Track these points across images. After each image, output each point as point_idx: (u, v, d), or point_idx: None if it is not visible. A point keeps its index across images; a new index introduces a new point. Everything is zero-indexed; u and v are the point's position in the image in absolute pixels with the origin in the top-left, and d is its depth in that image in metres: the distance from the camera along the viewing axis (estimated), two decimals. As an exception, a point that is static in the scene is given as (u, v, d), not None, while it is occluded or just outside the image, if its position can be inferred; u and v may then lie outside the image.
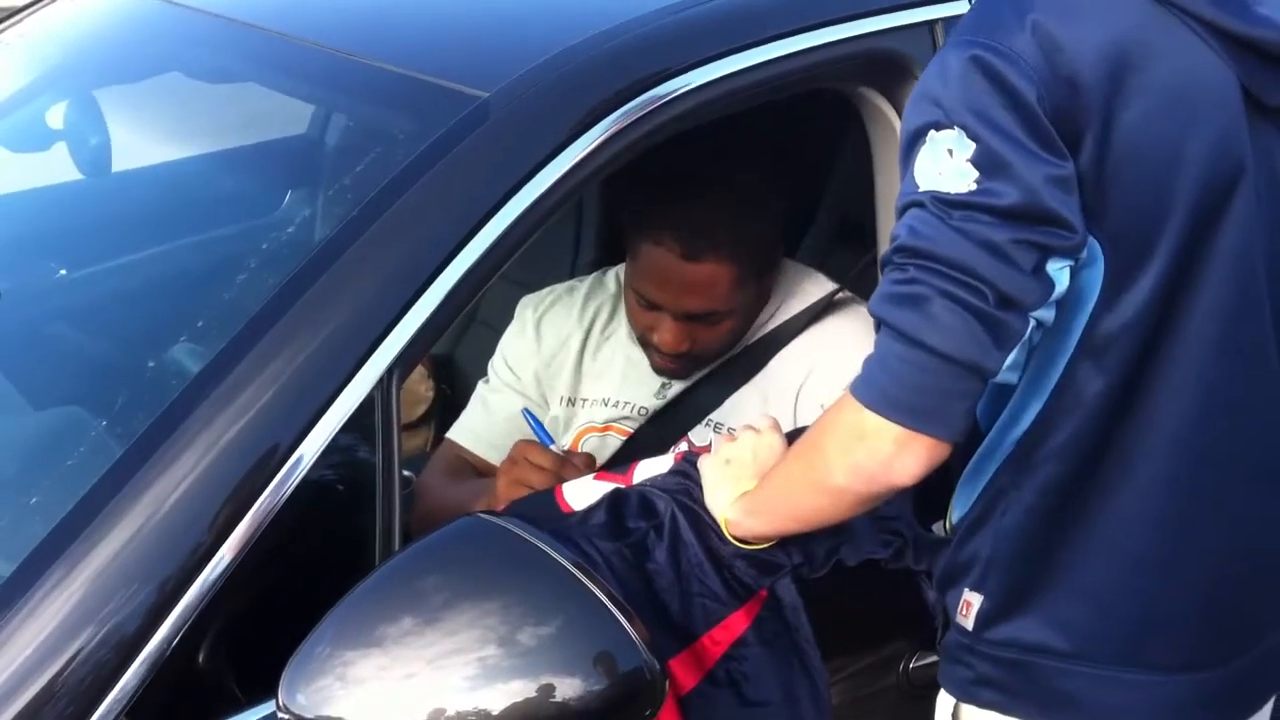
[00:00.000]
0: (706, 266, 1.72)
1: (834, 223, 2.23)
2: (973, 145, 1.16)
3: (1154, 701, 1.35)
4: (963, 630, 1.39)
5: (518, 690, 1.15)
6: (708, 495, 1.43)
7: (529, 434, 1.90)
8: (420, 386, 2.58)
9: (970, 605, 1.37)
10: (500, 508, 1.67)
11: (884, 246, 1.65)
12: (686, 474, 1.48)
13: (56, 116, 2.04)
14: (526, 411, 1.89)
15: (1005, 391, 1.32)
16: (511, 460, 1.76)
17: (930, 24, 1.58)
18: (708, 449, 1.50)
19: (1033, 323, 1.19)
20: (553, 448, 1.77)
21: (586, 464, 1.76)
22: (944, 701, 1.46)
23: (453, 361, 2.66)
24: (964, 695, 1.42)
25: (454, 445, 1.99)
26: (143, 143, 2.06)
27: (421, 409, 2.58)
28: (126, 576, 1.19)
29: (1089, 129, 1.19)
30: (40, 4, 2.24)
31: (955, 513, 1.40)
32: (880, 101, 1.62)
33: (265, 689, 1.21)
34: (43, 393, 1.64)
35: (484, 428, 1.98)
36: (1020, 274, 1.16)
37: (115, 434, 1.38)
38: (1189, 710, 1.37)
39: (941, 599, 1.44)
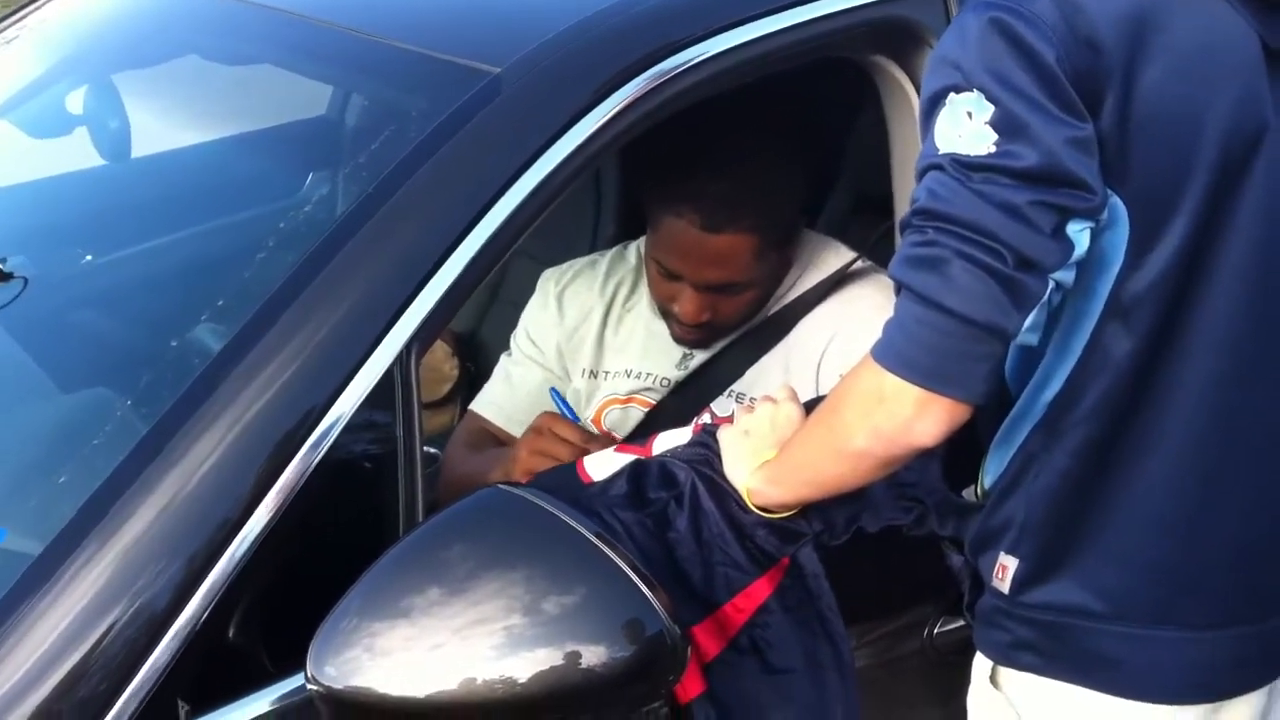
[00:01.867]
0: (726, 238, 1.72)
1: (851, 192, 2.23)
2: (992, 108, 1.16)
3: (1189, 659, 1.35)
4: (999, 594, 1.39)
5: (543, 658, 1.16)
6: (728, 466, 1.44)
7: (550, 406, 1.92)
8: (445, 365, 2.59)
9: (1006, 569, 1.38)
10: (520, 476, 1.69)
11: (901, 214, 1.66)
12: (706, 444, 1.48)
13: (76, 102, 2.05)
14: (554, 391, 1.90)
15: (1034, 355, 1.33)
16: (536, 430, 1.77)
17: (943, -10, 1.58)
18: (729, 420, 1.50)
19: (1052, 284, 1.19)
20: (579, 422, 1.78)
21: (609, 443, 1.76)
22: (980, 664, 1.47)
23: (477, 339, 2.67)
24: (1002, 658, 1.42)
25: (476, 417, 2.01)
26: (162, 126, 2.07)
27: (447, 387, 2.59)
28: (155, 553, 1.21)
29: (1110, 90, 1.19)
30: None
31: (988, 477, 1.40)
32: (894, 69, 1.62)
33: (295, 661, 1.22)
34: (69, 375, 1.66)
35: (506, 400, 1.99)
36: (1039, 236, 1.17)
37: (140, 414, 1.39)
38: (1223, 667, 1.37)
39: (975, 563, 1.44)
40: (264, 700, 1.27)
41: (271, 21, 1.80)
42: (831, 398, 1.31)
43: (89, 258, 1.93)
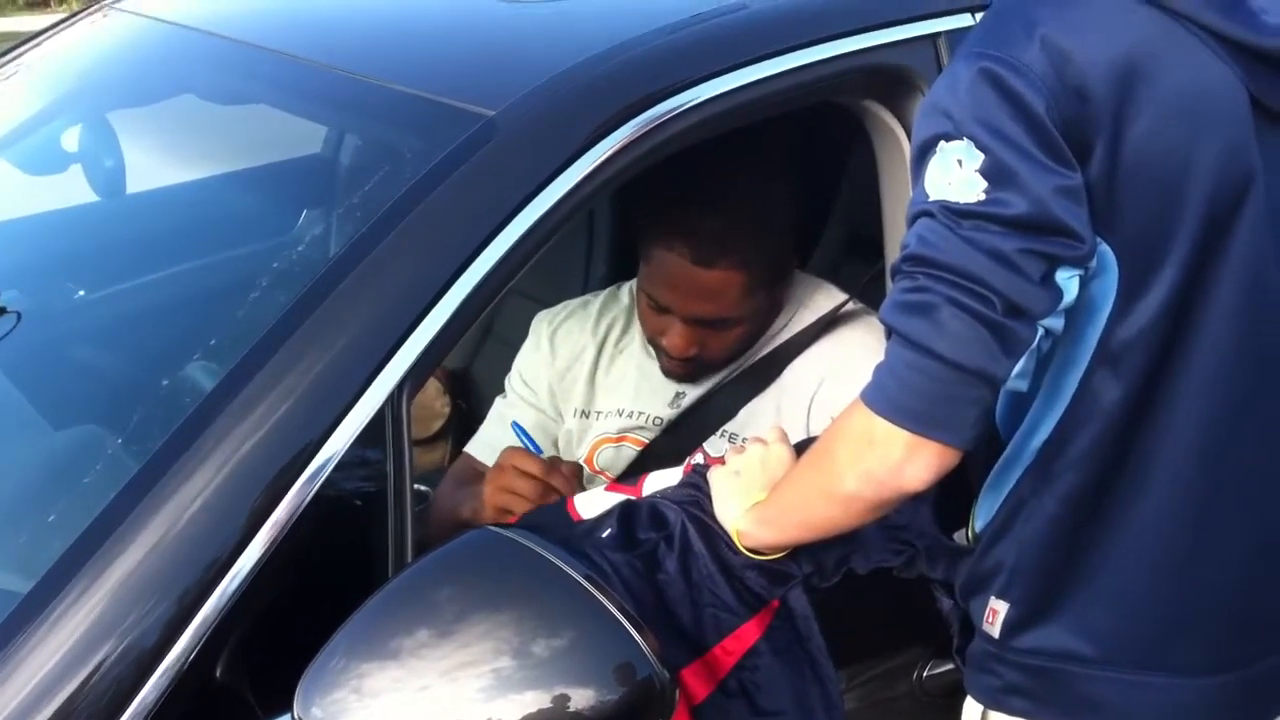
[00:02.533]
0: (717, 273, 1.73)
1: (843, 233, 2.24)
2: (982, 156, 1.18)
3: (1178, 704, 1.36)
4: (989, 638, 1.40)
5: (531, 701, 1.16)
6: (718, 507, 1.44)
7: (544, 447, 1.92)
8: (436, 402, 2.60)
9: (996, 613, 1.38)
10: (487, 513, 1.70)
11: (892, 257, 1.67)
12: (696, 485, 1.49)
13: (71, 139, 2.06)
14: (515, 424, 1.91)
15: (1024, 401, 1.34)
16: (499, 467, 1.78)
17: (933, 37, 1.59)
18: (722, 460, 1.51)
19: (1041, 331, 1.20)
20: (542, 455, 1.78)
21: (573, 471, 1.78)
22: (971, 708, 1.47)
23: (469, 376, 2.68)
24: (992, 703, 1.42)
25: (470, 459, 2.01)
26: (157, 164, 2.08)
27: (438, 424, 2.60)
28: (144, 591, 1.20)
29: (1098, 139, 1.20)
30: (54, 29, 2.27)
31: (978, 521, 1.41)
32: (885, 115, 1.63)
33: (282, 701, 1.22)
34: (60, 412, 1.66)
35: (499, 442, 1.98)
36: (1028, 283, 1.18)
37: (131, 451, 1.39)
38: (1216, 711, 1.38)
39: (965, 607, 1.45)
40: (251, 740, 1.27)
41: (267, 62, 1.81)
42: (822, 440, 1.31)
43: (81, 293, 1.93)
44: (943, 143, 1.20)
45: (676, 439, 1.88)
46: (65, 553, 1.22)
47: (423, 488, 1.96)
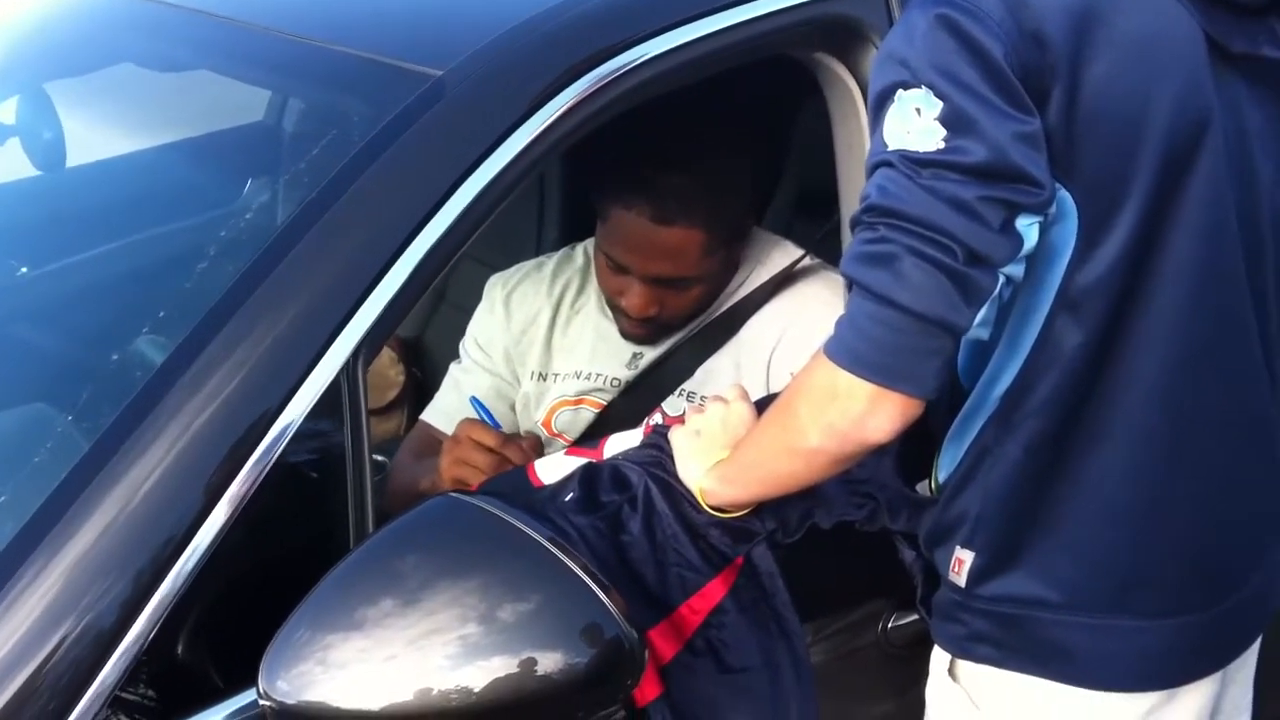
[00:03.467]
0: (677, 231, 1.72)
1: (794, 189, 2.24)
2: (940, 104, 1.17)
3: (1144, 647, 1.37)
4: (955, 587, 1.40)
5: (499, 667, 1.16)
6: (680, 467, 1.44)
7: (501, 413, 1.91)
8: (390, 371, 2.58)
9: (962, 562, 1.38)
10: (444, 485, 1.70)
11: (847, 212, 1.67)
12: (658, 446, 1.48)
13: (8, 112, 2.01)
14: (474, 399, 1.90)
15: (986, 349, 1.34)
16: (455, 439, 1.77)
17: (884, -13, 1.58)
18: (681, 419, 1.50)
19: (1002, 279, 1.20)
20: (501, 428, 1.78)
21: (532, 445, 1.78)
22: (938, 658, 1.48)
23: (422, 344, 2.66)
24: (959, 651, 1.43)
25: (426, 426, 2.00)
26: (97, 135, 2.04)
27: (393, 393, 2.58)
28: (102, 570, 1.19)
29: (1056, 84, 1.20)
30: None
31: (941, 471, 1.41)
32: (837, 67, 1.62)
33: (246, 677, 1.21)
34: (7, 390, 1.63)
35: (456, 409, 1.98)
36: (989, 231, 1.17)
37: (82, 428, 1.37)
38: (1179, 654, 1.39)
39: (930, 557, 1.45)
40: (216, 717, 1.26)
41: (208, 27, 1.77)
42: (784, 395, 1.31)
43: (23, 270, 1.89)
44: (900, 91, 1.19)
45: (635, 400, 1.87)
46: (18, 534, 1.21)
47: (380, 458, 1.95)
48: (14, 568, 1.18)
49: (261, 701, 1.16)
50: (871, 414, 1.20)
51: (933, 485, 1.43)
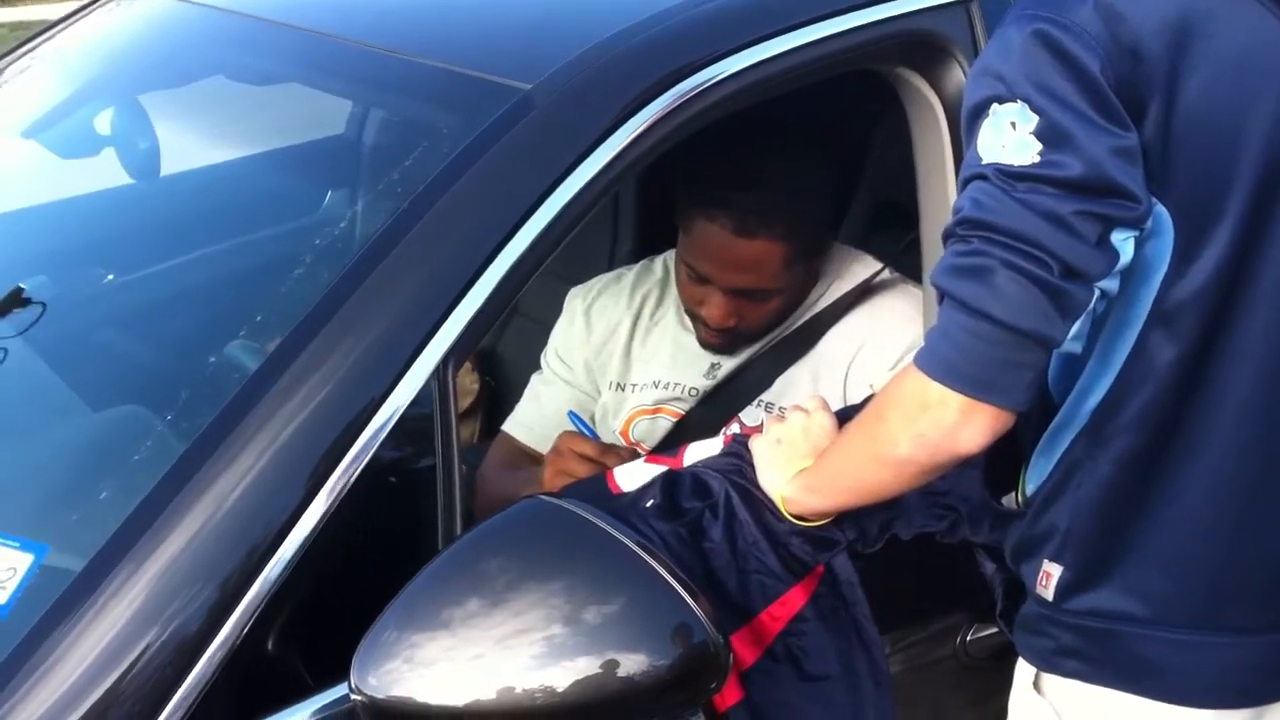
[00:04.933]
0: (758, 244, 1.73)
1: (871, 203, 2.24)
2: (1036, 118, 1.17)
3: (1234, 663, 1.36)
4: (1042, 601, 1.40)
5: (584, 667, 1.17)
6: (761, 475, 1.44)
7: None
8: (465, 379, 2.61)
9: (1050, 576, 1.38)
10: None
11: (926, 226, 1.67)
12: (739, 454, 1.49)
13: (104, 122, 2.06)
14: (572, 414, 1.92)
15: (1077, 363, 1.33)
16: (556, 452, 1.79)
17: (966, 3, 1.59)
18: (758, 429, 1.51)
19: (1097, 293, 1.20)
20: (599, 439, 1.79)
21: (630, 455, 1.78)
22: (1023, 670, 1.47)
23: (496, 354, 2.68)
24: (1046, 665, 1.43)
25: (508, 438, 2.02)
26: (191, 146, 2.09)
27: (468, 401, 2.61)
28: (190, 576, 1.21)
29: (1153, 99, 1.20)
30: (81, 13, 2.28)
31: (1030, 485, 1.41)
32: (919, 82, 1.62)
33: (334, 674, 1.23)
34: (107, 393, 1.66)
35: (536, 420, 2.00)
36: (1084, 245, 1.17)
37: (179, 430, 1.40)
38: (1268, 671, 1.37)
39: (1016, 570, 1.45)
40: (305, 712, 1.28)
41: (298, 40, 1.81)
42: (874, 405, 1.31)
43: (110, 277, 1.93)
44: (995, 105, 1.19)
45: (712, 410, 1.88)
46: (111, 537, 1.23)
47: (461, 466, 1.97)
48: (107, 571, 1.20)
49: (353, 697, 1.18)
50: (963, 425, 1.20)
51: (1019, 498, 1.43)
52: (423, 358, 1.31)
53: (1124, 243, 1.20)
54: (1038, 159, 1.17)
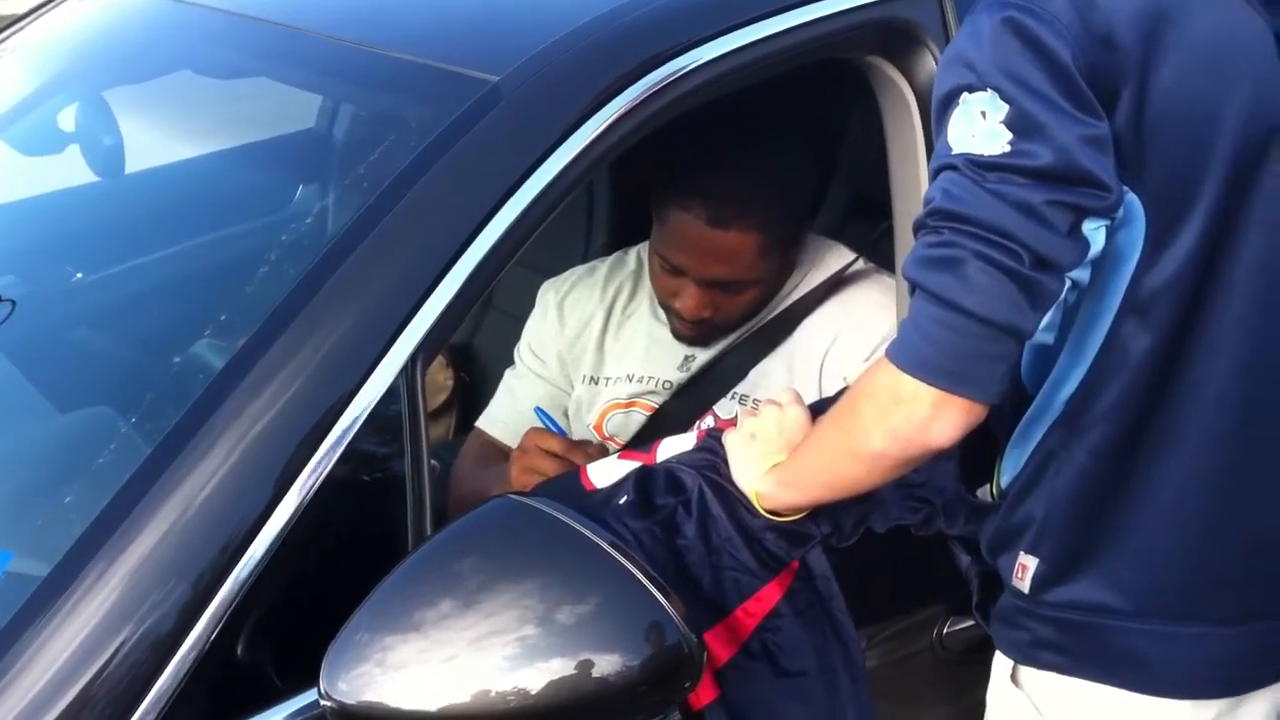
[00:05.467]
0: (733, 234, 1.72)
1: (846, 193, 2.24)
2: (1006, 107, 1.17)
3: (1211, 655, 1.36)
4: (1019, 593, 1.39)
5: (558, 668, 1.16)
6: (735, 470, 1.44)
7: (556, 419, 1.92)
8: (439, 375, 2.60)
9: (1026, 568, 1.38)
10: None
11: (899, 216, 1.67)
12: (712, 450, 1.48)
13: (68, 119, 2.04)
14: (539, 409, 1.92)
15: (1051, 353, 1.33)
16: (522, 449, 1.79)
17: (938, -10, 1.58)
18: (732, 422, 1.50)
19: (1068, 283, 1.19)
20: (567, 435, 1.78)
21: (598, 450, 1.78)
22: (1000, 663, 1.47)
23: (471, 349, 2.68)
24: (1023, 658, 1.43)
25: (482, 434, 2.02)
26: (156, 142, 2.06)
27: (442, 397, 2.60)
28: (161, 575, 1.20)
29: (1125, 87, 1.19)
30: (44, 8, 2.25)
31: (1004, 477, 1.41)
32: (890, 70, 1.61)
33: (305, 679, 1.22)
34: (70, 396, 1.65)
35: (510, 415, 1.99)
36: (1056, 235, 1.17)
37: (144, 431, 1.38)
38: (1244, 662, 1.38)
39: (993, 563, 1.45)
40: (276, 718, 1.26)
41: (265, 34, 1.79)
42: (846, 399, 1.30)
43: (79, 275, 1.91)
44: (966, 94, 1.19)
45: (686, 402, 1.88)
46: (79, 539, 1.21)
47: (433, 462, 1.96)
48: (75, 572, 1.19)
49: (322, 702, 1.17)
50: (935, 418, 1.19)
51: (994, 490, 1.42)
52: (392, 353, 1.30)
53: (1095, 232, 1.20)
54: (1008, 148, 1.16)
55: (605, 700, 1.17)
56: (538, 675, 1.16)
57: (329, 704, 1.16)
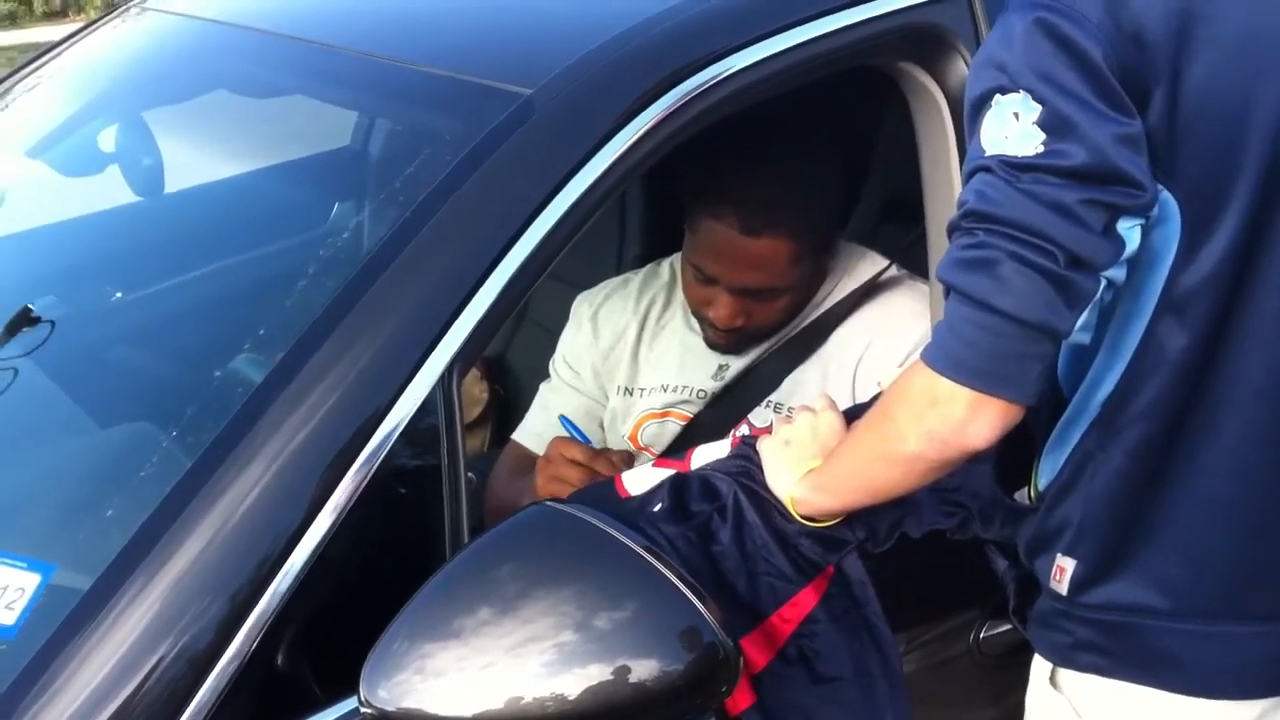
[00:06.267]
0: (765, 242, 1.73)
1: (878, 200, 2.24)
2: (1039, 108, 1.17)
3: (1252, 653, 1.35)
4: (1057, 595, 1.39)
5: (595, 674, 1.16)
6: (769, 477, 1.44)
7: (590, 431, 1.93)
8: (474, 389, 2.61)
9: (1064, 570, 1.37)
10: None
11: (931, 221, 1.67)
12: (746, 457, 1.49)
13: (108, 140, 2.06)
14: (564, 418, 1.93)
15: (1087, 354, 1.32)
16: (547, 458, 1.80)
17: (967, -6, 1.58)
18: (767, 431, 1.51)
19: (1104, 282, 1.19)
20: (592, 444, 1.79)
21: (622, 459, 1.79)
22: (1039, 666, 1.46)
23: (505, 362, 2.69)
24: (1063, 660, 1.42)
25: (518, 446, 2.03)
26: (195, 161, 2.09)
27: (477, 410, 2.61)
28: (200, 590, 1.21)
29: (1157, 85, 1.19)
30: (79, 34, 2.29)
31: (1042, 479, 1.40)
32: (922, 75, 1.62)
33: (344, 687, 1.23)
34: (111, 411, 1.67)
35: (545, 428, 2.00)
36: (1090, 234, 1.16)
37: (184, 445, 1.39)
38: None
39: (1030, 565, 1.44)
40: (317, 725, 1.28)
41: (299, 52, 1.81)
42: (882, 403, 1.30)
43: (118, 295, 1.93)
44: (998, 96, 1.19)
45: (721, 411, 1.88)
46: (120, 553, 1.22)
47: (469, 474, 1.97)
48: (115, 587, 1.20)
49: (362, 710, 1.17)
50: (972, 420, 1.19)
51: (1032, 493, 1.42)
52: (428, 365, 1.31)
53: (1130, 231, 1.19)
54: (1041, 149, 1.16)
55: (642, 706, 1.17)
56: (575, 681, 1.16)
57: (369, 711, 1.17)
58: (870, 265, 1.88)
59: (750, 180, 1.72)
